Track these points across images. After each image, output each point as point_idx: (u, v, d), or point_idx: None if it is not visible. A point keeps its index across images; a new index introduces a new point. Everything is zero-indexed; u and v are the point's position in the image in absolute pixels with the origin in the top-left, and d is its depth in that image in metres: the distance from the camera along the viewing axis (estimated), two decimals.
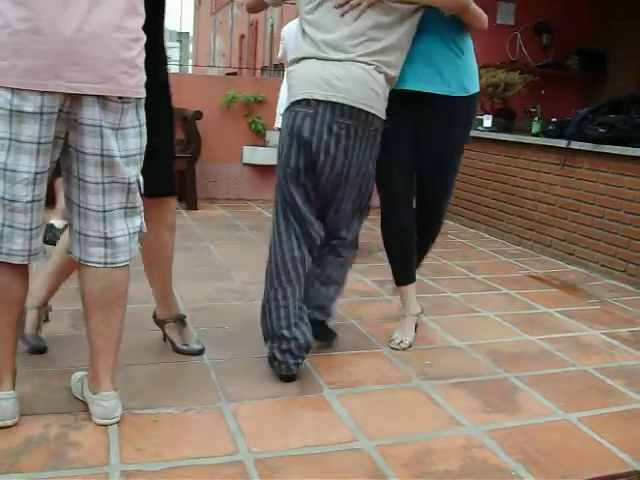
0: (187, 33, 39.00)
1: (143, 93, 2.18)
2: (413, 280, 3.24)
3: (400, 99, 2.86)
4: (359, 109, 2.68)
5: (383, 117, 2.79)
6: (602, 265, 4.67)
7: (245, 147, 6.93)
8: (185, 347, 2.91)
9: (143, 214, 2.31)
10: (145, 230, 2.32)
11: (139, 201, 2.26)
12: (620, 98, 4.99)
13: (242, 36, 20.79)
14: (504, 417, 2.48)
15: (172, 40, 45.08)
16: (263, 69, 17.26)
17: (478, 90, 3.05)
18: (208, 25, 24.76)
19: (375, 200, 3.00)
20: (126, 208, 2.21)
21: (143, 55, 2.17)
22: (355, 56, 2.69)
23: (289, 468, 2.07)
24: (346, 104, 2.66)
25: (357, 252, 3.24)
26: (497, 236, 5.78)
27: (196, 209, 6.40)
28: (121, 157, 2.14)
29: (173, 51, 44.39)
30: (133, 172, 2.19)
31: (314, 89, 2.68)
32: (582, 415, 2.51)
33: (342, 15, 2.72)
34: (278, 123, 5.13)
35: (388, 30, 2.73)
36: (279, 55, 5.46)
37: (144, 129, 2.23)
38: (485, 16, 2.91)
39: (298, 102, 2.71)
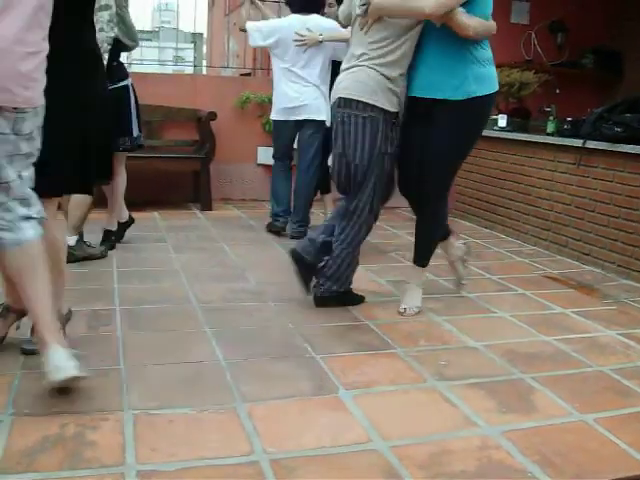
0: (201, 34, 39.06)
1: (39, 102, 2.29)
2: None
3: (411, 104, 3.43)
4: (350, 99, 3.35)
5: (381, 106, 3.33)
6: (618, 265, 4.64)
7: (260, 148, 6.93)
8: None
9: (40, 203, 2.46)
10: (45, 216, 2.48)
11: (28, 194, 2.39)
12: (636, 97, 4.94)
13: None
14: (520, 418, 2.47)
15: (186, 41, 45.22)
16: None
17: (487, 93, 3.32)
18: (222, 26, 24.79)
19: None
20: (15, 199, 2.36)
21: (42, 66, 2.27)
22: (359, 62, 3.37)
23: (304, 468, 2.07)
24: (342, 97, 3.39)
25: (370, 251, 3.38)
26: (513, 236, 5.76)
27: (210, 210, 6.41)
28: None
29: (187, 52, 44.52)
30: (12, 173, 2.32)
31: (334, 94, 3.51)
32: (598, 416, 2.49)
33: (361, 29, 3.35)
34: (272, 115, 5.46)
35: (389, 41, 3.30)
36: (263, 43, 5.38)
37: (36, 133, 2.36)
38: (470, 25, 3.19)
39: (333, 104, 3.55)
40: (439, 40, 3.28)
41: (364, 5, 3.26)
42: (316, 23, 5.17)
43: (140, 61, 12.35)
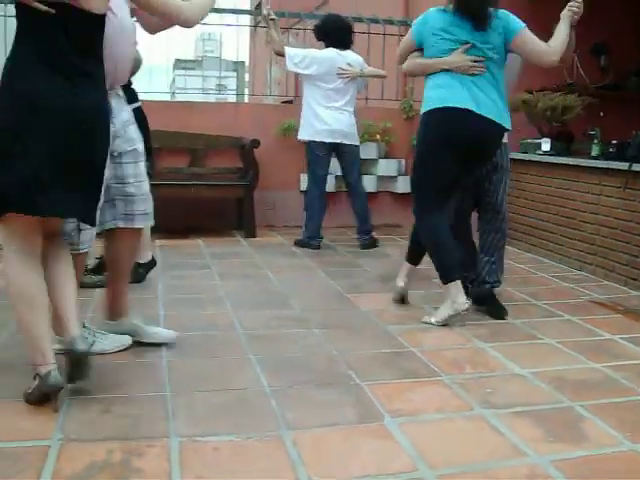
0: (243, 62, 39.61)
1: None
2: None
3: None
4: None
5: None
6: None
7: (302, 175, 6.94)
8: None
9: None
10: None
11: None
12: None
13: None
14: (569, 447, 2.43)
15: (229, 70, 45.93)
16: None
17: (422, 112, 3.87)
18: (263, 54, 25.09)
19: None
20: None
21: None
22: None
23: None
24: None
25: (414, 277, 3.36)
26: (557, 261, 5.69)
27: (254, 237, 6.45)
28: None
29: (230, 80, 45.16)
30: None
31: None
32: None
33: None
34: (305, 136, 6.06)
35: None
36: (305, 71, 5.95)
37: None
38: (401, 66, 4.08)
39: None
40: None
41: None
42: (354, 59, 5.96)
43: (184, 90, 12.55)
